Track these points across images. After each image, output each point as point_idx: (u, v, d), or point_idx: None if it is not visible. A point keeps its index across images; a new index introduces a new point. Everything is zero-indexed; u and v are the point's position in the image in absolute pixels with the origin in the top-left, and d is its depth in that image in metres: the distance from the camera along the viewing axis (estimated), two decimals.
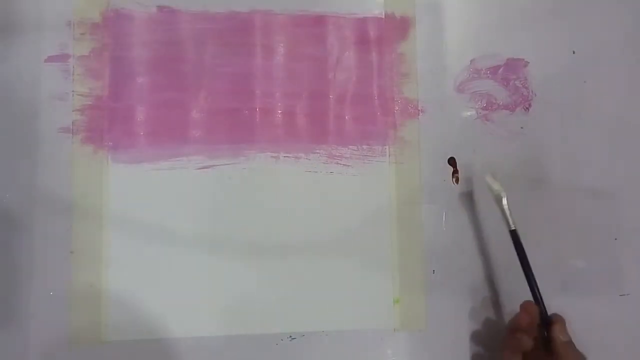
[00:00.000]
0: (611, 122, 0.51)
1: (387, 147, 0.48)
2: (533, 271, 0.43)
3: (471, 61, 0.50)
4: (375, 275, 0.47)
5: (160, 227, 0.45)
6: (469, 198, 0.48)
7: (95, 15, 0.46)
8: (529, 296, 0.43)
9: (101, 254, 0.44)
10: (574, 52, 0.51)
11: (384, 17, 0.49)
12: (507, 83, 0.50)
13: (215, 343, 0.45)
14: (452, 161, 0.49)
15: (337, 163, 0.48)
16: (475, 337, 0.47)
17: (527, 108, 0.50)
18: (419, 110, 0.49)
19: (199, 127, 0.46)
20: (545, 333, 0.43)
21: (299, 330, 0.46)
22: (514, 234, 0.44)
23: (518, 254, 0.44)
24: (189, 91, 0.47)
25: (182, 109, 0.46)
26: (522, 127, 0.50)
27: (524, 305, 0.43)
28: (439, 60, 0.49)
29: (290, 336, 0.46)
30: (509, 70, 0.50)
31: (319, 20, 0.49)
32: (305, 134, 0.47)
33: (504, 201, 0.44)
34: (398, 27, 0.49)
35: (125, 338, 0.44)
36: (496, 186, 0.45)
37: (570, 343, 0.43)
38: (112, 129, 0.46)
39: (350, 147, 0.48)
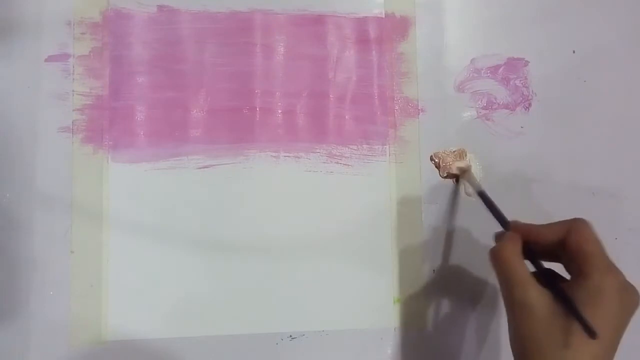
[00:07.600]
0: (611, 122, 0.51)
1: (387, 146, 0.48)
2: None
3: (471, 61, 0.50)
4: (375, 274, 0.47)
5: (160, 227, 0.45)
6: (468, 197, 0.48)
7: (95, 14, 0.46)
8: None
9: (101, 254, 0.44)
10: (574, 52, 0.51)
11: (384, 16, 0.49)
12: (507, 82, 0.50)
13: (215, 343, 0.45)
14: None
15: (337, 162, 0.47)
16: (475, 337, 0.47)
17: (527, 108, 0.50)
18: (419, 109, 0.49)
19: (199, 127, 0.46)
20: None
21: (299, 330, 0.46)
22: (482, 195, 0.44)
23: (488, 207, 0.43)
24: (189, 90, 0.47)
25: (182, 109, 0.46)
26: (522, 127, 0.50)
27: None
28: (439, 60, 0.49)
29: (291, 336, 0.46)
30: (509, 70, 0.50)
31: (319, 20, 0.48)
32: (306, 133, 0.47)
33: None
34: (398, 26, 0.49)
35: (125, 338, 0.44)
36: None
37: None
38: (112, 128, 0.46)
39: (351, 146, 0.48)
